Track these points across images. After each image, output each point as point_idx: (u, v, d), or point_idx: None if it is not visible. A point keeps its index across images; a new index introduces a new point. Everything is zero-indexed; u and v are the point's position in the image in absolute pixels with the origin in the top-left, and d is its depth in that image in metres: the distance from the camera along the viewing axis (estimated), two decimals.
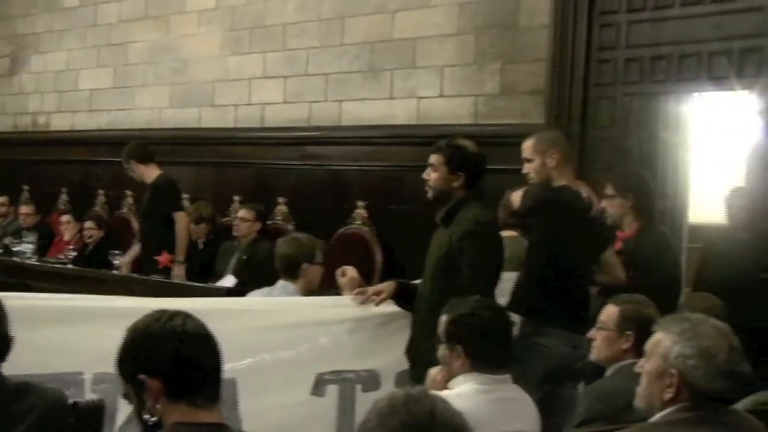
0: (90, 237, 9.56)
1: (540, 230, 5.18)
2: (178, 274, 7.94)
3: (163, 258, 7.88)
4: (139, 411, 2.62)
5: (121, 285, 6.76)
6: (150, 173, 8.44)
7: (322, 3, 9.13)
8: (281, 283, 5.47)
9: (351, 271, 5.46)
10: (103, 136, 11.07)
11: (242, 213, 8.20)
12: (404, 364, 5.01)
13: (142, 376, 2.57)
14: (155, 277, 7.58)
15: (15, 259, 9.07)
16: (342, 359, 4.95)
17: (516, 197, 5.35)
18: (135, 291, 6.20)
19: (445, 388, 3.80)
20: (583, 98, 7.22)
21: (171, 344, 2.61)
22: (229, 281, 7.37)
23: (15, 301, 3.64)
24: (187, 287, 6.75)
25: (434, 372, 4.04)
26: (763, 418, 3.44)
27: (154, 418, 2.57)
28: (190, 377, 2.59)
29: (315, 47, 9.15)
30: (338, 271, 5.48)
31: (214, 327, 4.68)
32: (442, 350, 3.96)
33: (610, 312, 4.27)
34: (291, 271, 5.48)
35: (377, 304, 5.10)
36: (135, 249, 8.73)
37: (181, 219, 8.30)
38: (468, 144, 5.13)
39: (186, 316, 2.71)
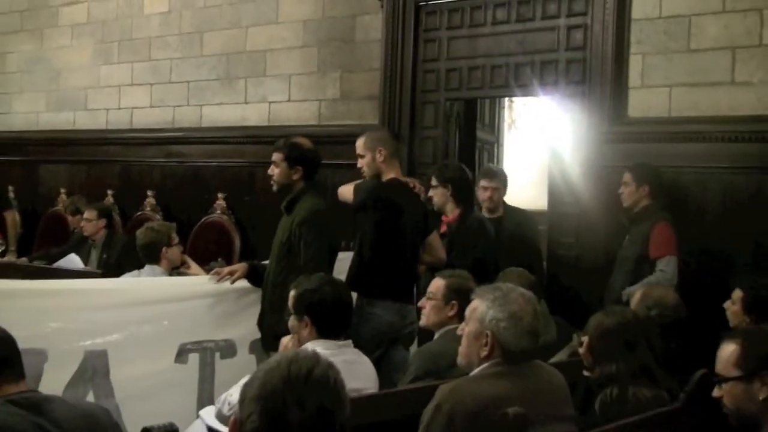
0: None
1: (372, 219, 5.16)
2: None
3: None
4: None
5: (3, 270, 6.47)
6: None
7: (182, 19, 8.97)
8: (148, 267, 5.38)
9: (194, 267, 5.61)
10: None
11: (86, 214, 7.66)
12: (257, 334, 4.98)
13: None
14: (36, 263, 7.29)
15: None
16: (202, 330, 4.89)
17: (344, 191, 5.36)
18: (12, 275, 5.92)
19: None
20: (411, 102, 7.27)
21: None
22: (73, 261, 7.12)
23: None
24: (63, 271, 6.50)
25: (285, 340, 4.02)
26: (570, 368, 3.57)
27: None
28: None
29: (177, 58, 9.00)
30: (182, 269, 5.54)
31: (88, 305, 4.60)
32: (291, 321, 3.93)
33: (437, 284, 4.32)
34: (153, 256, 5.46)
35: (232, 283, 5.06)
36: None
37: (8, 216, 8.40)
38: (304, 141, 5.16)
39: None
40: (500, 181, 6.32)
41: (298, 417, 1.85)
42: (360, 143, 5.33)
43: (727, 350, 2.97)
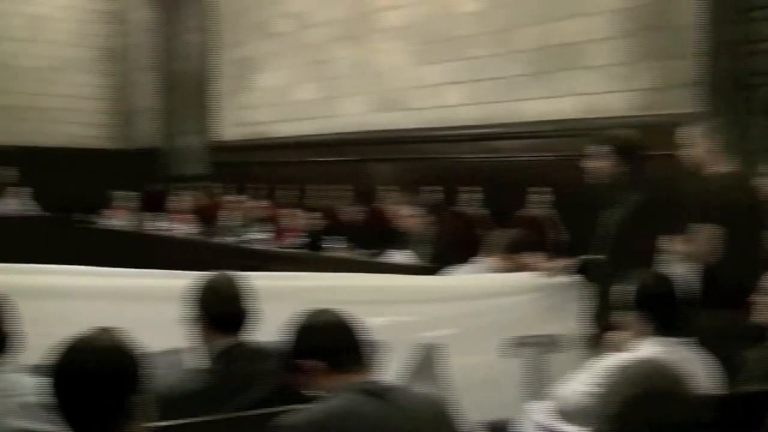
0: (313, 226, 9.66)
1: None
2: None
3: None
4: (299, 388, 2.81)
5: (339, 265, 6.83)
6: None
7: (495, 17, 9.05)
8: (478, 260, 5.48)
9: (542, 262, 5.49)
10: (316, 140, 11.31)
11: (410, 210, 7.87)
12: (583, 329, 4.91)
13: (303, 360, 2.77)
14: (366, 257, 7.60)
15: (251, 246, 9.33)
16: (527, 325, 4.90)
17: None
18: (344, 269, 6.23)
19: (625, 351, 3.68)
20: (734, 88, 6.88)
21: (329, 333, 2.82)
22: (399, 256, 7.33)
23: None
24: (387, 265, 6.78)
25: (614, 336, 3.92)
26: None
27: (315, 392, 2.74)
28: (344, 355, 2.77)
29: (491, 55, 9.07)
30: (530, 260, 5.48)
31: (421, 299, 4.77)
32: (623, 316, 3.82)
33: None
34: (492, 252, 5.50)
35: (556, 278, 5.03)
36: None
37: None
38: (629, 133, 5.03)
39: (328, 311, 2.90)
40: None
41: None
42: (686, 133, 5.10)
43: None
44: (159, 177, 14.32)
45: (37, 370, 2.81)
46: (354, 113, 10.84)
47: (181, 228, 10.85)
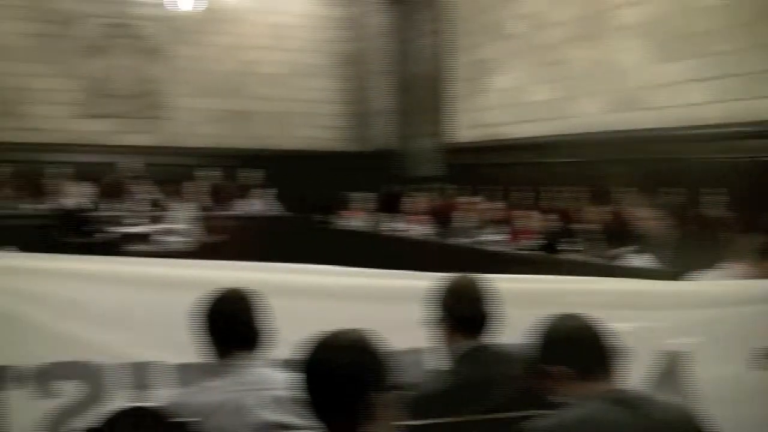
0: (549, 227, 9.53)
1: None
2: None
3: None
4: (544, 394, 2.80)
5: (577, 268, 6.73)
6: None
7: (740, 8, 8.63)
8: (725, 266, 5.23)
9: None
10: (551, 141, 11.20)
11: (648, 213, 7.66)
12: None
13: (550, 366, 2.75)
14: (604, 261, 7.45)
15: (486, 247, 9.35)
16: None
17: None
18: (582, 273, 6.12)
19: None
20: None
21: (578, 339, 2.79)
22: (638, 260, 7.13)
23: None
24: (629, 269, 6.61)
25: None
26: None
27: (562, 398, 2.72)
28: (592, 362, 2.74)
29: (738, 50, 8.66)
30: None
31: (667, 305, 4.61)
32: None
33: None
34: (739, 257, 5.25)
35: None
36: None
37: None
38: None
39: (576, 316, 2.86)
40: None
41: None
42: None
43: None
44: (395, 178, 14.64)
45: (287, 365, 2.94)
46: (590, 113, 10.65)
47: (417, 229, 11.04)
